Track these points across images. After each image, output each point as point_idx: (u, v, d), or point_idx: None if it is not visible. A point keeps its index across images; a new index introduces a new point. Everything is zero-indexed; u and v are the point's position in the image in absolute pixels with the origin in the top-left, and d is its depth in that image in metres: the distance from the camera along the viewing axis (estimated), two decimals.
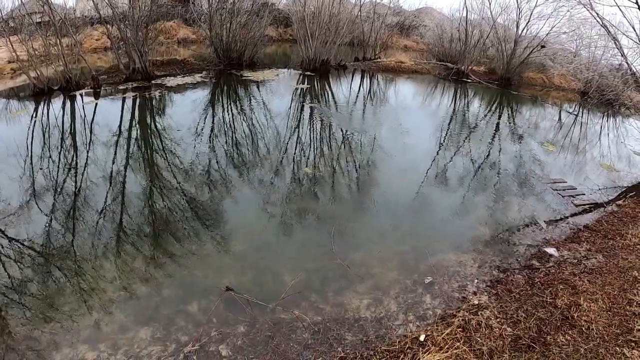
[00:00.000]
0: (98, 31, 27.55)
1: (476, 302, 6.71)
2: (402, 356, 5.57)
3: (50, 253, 7.51)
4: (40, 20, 18.90)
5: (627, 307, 6.61)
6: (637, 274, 7.60)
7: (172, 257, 7.61)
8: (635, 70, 14.53)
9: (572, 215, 10.37)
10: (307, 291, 6.99)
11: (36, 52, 17.36)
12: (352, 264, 7.65)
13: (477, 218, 9.77)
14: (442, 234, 8.93)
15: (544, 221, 9.83)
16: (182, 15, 32.75)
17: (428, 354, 5.49)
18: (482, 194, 11.14)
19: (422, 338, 5.86)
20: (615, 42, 14.72)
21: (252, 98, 18.87)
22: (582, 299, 6.70)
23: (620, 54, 14.87)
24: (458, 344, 5.63)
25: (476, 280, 7.38)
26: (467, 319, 6.21)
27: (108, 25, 21.20)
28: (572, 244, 8.78)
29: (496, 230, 9.26)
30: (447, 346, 5.58)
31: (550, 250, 8.38)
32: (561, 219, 10.10)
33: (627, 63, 14.75)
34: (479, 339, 5.78)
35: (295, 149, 12.95)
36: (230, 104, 17.96)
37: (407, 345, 5.74)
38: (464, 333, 5.90)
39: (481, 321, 6.12)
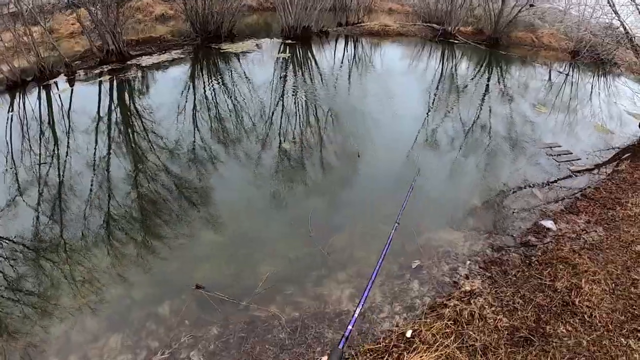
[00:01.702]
0: (72, 16, 26.09)
1: (468, 288, 6.09)
2: (386, 356, 4.94)
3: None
4: (8, 11, 17.64)
5: (632, 289, 6.03)
6: (639, 248, 7.02)
7: (141, 254, 6.94)
8: (628, 29, 13.74)
9: (569, 183, 9.76)
10: (284, 284, 6.36)
11: (6, 45, 16.21)
12: (333, 250, 7.00)
13: (468, 190, 9.12)
14: (431, 209, 8.24)
15: (539, 190, 9.18)
16: None
17: (415, 353, 4.86)
18: (473, 163, 10.46)
19: (409, 334, 5.24)
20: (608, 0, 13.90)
21: (230, 71, 17.78)
22: (583, 280, 6.10)
23: (612, 12, 14.05)
24: (448, 340, 5.01)
25: (468, 262, 6.75)
26: (458, 309, 5.58)
27: (78, 9, 19.87)
28: (570, 216, 8.17)
29: (489, 203, 8.61)
30: (436, 344, 4.95)
31: (548, 224, 7.76)
32: (557, 188, 9.49)
33: (620, 21, 13.93)
34: (472, 333, 5.16)
35: (275, 124, 12.09)
36: (208, 79, 16.87)
37: (393, 343, 5.12)
38: (455, 326, 5.28)
39: (474, 311, 5.50)
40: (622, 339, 5.14)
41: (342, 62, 20.59)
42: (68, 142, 10.95)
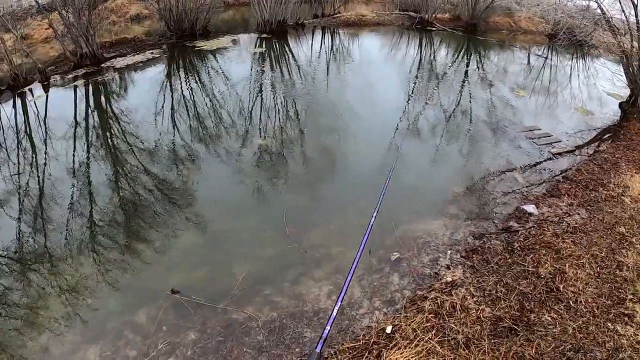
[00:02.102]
0: (45, 21, 25.46)
1: (450, 278, 5.86)
2: (366, 354, 4.70)
3: None
4: None
5: (617, 272, 5.86)
6: (624, 229, 6.87)
7: (115, 260, 6.62)
8: (605, 10, 13.66)
9: (550, 165, 9.61)
10: (261, 284, 6.08)
11: None
12: (310, 246, 6.74)
13: (448, 177, 8.91)
14: (411, 199, 8.01)
15: (520, 174, 9.00)
16: None
17: (396, 349, 4.63)
18: (453, 149, 10.26)
19: (389, 330, 5.00)
20: None
21: (206, 69, 17.35)
22: (567, 265, 5.92)
23: None
24: (430, 334, 4.79)
25: (449, 251, 6.53)
26: (440, 301, 5.36)
27: (49, 13, 19.29)
28: (552, 199, 8.00)
29: (469, 190, 8.40)
30: (417, 339, 4.72)
31: (529, 208, 7.57)
32: (538, 171, 9.33)
33: (596, 2, 13.84)
34: (453, 325, 4.94)
35: (252, 120, 11.74)
36: (184, 77, 16.39)
37: (372, 340, 4.88)
38: (436, 320, 5.05)
39: (456, 303, 5.27)
40: (609, 324, 4.96)
41: (319, 54, 20.26)
42: (46, 150, 10.50)
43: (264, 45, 21.17)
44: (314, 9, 29.04)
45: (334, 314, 3.53)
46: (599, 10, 14.08)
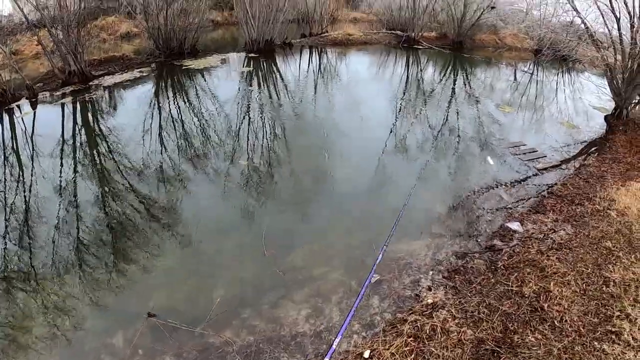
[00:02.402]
0: (36, 36, 25.53)
1: (431, 300, 5.67)
2: None
3: None
4: None
5: (603, 288, 5.69)
6: (610, 244, 6.72)
7: (93, 282, 6.47)
8: (588, 25, 13.74)
9: (535, 181, 9.52)
10: (239, 307, 5.92)
11: None
12: (290, 268, 6.58)
13: (432, 195, 8.78)
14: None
15: (506, 191, 8.87)
16: (116, 10, 30.53)
17: None
18: (438, 168, 10.16)
19: (366, 354, 4.80)
20: None
21: (192, 88, 17.34)
22: (552, 283, 5.75)
23: (572, 9, 14.05)
24: (408, 359, 4.58)
25: (431, 272, 6.36)
26: (420, 324, 5.17)
27: (38, 30, 19.24)
28: (537, 215, 7.86)
29: (453, 209, 8.27)
30: None
31: (514, 226, 7.43)
32: (523, 187, 9.22)
33: (580, 17, 13.93)
34: (433, 349, 4.74)
35: (237, 141, 11.63)
36: (170, 96, 16.38)
37: None
38: (416, 343, 4.85)
39: (436, 325, 5.08)
40: (596, 343, 4.78)
41: (307, 73, 20.33)
42: (33, 167, 10.40)
43: (251, 65, 21.20)
44: (302, 29, 29.27)
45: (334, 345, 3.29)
46: (582, 25, 14.15)
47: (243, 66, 21.13)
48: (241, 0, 22.84)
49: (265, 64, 21.53)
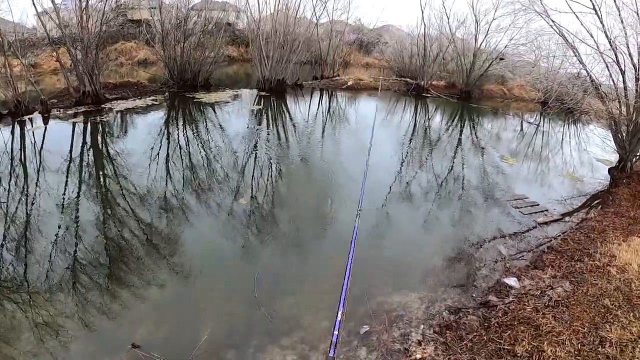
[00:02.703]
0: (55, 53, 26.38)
1: (419, 355, 5.54)
2: None
3: None
4: None
5: (599, 349, 5.52)
6: (608, 302, 6.56)
7: (81, 307, 6.38)
8: (594, 78, 13.93)
9: (536, 235, 9.40)
10: (224, 347, 5.77)
11: None
12: (279, 312, 6.45)
13: (430, 247, 8.68)
14: (387, 269, 7.71)
15: (504, 244, 8.77)
16: (135, 36, 31.52)
17: None
18: (438, 217, 10.12)
19: None
20: (573, 51, 14.18)
21: (203, 122, 17.75)
22: (546, 342, 5.59)
23: (578, 62, 14.28)
24: None
25: (422, 326, 6.22)
26: None
27: (58, 47, 20.08)
28: (535, 271, 7.73)
29: (450, 261, 8.12)
30: None
31: (510, 281, 7.30)
32: (523, 241, 9.10)
33: (586, 70, 14.17)
34: None
35: (242, 179, 11.70)
36: (179, 127, 16.79)
37: None
38: None
39: None
40: None
41: (316, 115, 20.64)
42: (37, 181, 10.68)
43: (262, 103, 21.64)
44: (314, 71, 29.89)
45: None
46: (589, 78, 14.32)
47: (253, 104, 21.58)
48: (257, 39, 23.58)
49: (275, 103, 21.97)
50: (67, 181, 10.72)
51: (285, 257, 8.14)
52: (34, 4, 17.66)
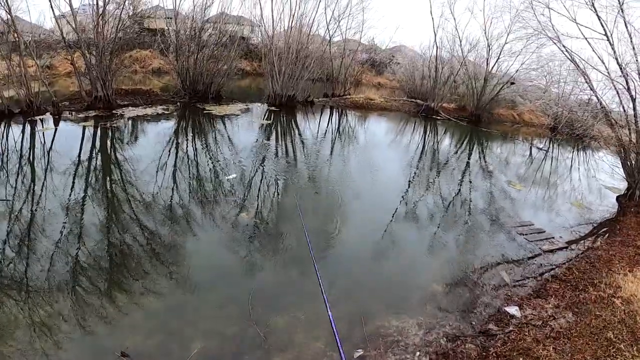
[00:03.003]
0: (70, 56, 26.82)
1: None
2: None
3: None
4: (7, 40, 17.95)
5: None
6: (612, 335, 6.38)
7: (74, 312, 6.31)
8: (604, 104, 13.85)
9: (540, 263, 9.22)
10: None
11: None
12: (273, 330, 6.32)
13: (431, 271, 8.53)
14: (386, 292, 7.57)
15: (508, 272, 8.61)
16: (151, 45, 31.86)
17: None
18: (441, 242, 9.94)
19: None
20: (584, 77, 14.18)
21: (209, 134, 17.82)
22: None
23: (589, 88, 14.23)
24: None
25: (418, 353, 6.08)
26: None
27: (73, 51, 20.26)
28: (538, 300, 7.56)
29: (451, 287, 7.95)
30: None
31: (512, 310, 7.14)
32: (527, 269, 8.92)
33: (596, 97, 14.14)
34: None
35: (249, 191, 11.70)
36: (187, 137, 16.84)
37: None
38: None
39: None
40: None
41: (325, 133, 20.62)
42: (44, 182, 10.80)
43: (271, 118, 21.68)
44: (325, 88, 29.99)
45: None
46: (599, 104, 14.24)
47: (263, 118, 21.61)
48: (270, 54, 23.79)
49: (285, 119, 22.07)
50: (73, 183, 10.84)
51: (284, 273, 8.08)
52: (51, 7, 17.84)
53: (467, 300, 7.57)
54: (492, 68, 26.08)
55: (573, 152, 21.78)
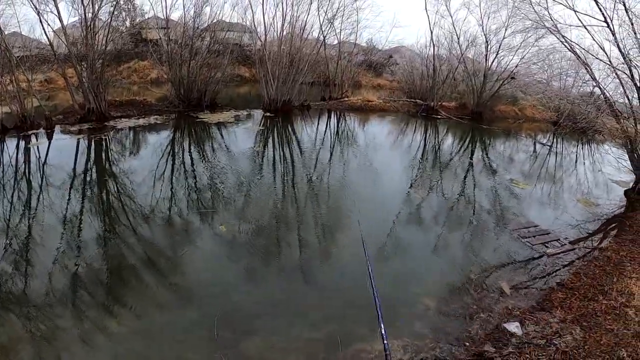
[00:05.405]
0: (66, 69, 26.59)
1: None
2: None
3: None
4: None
5: None
6: (625, 354, 5.61)
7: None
8: (608, 95, 13.16)
9: (544, 270, 8.47)
10: None
11: None
12: (243, 357, 5.65)
13: (423, 283, 7.78)
14: (370, 309, 6.76)
15: (507, 282, 7.85)
16: (148, 56, 31.53)
17: None
18: (437, 248, 9.26)
19: None
20: (586, 68, 13.67)
21: (204, 143, 17.57)
22: None
23: (591, 78, 13.58)
24: None
25: None
26: None
27: (65, 64, 20.14)
28: (542, 314, 6.81)
29: (444, 302, 7.15)
30: None
31: (512, 327, 6.39)
32: (530, 277, 8.17)
33: (599, 88, 13.47)
34: None
35: (247, 199, 11.36)
36: (181, 148, 16.60)
37: None
38: None
39: None
40: None
41: (323, 137, 20.11)
42: (39, 196, 10.72)
43: (267, 124, 21.27)
44: (322, 92, 29.51)
45: None
46: (602, 96, 13.61)
47: (259, 125, 21.24)
48: (263, 59, 23.43)
49: (281, 125, 21.66)
50: (68, 197, 10.81)
51: (264, 290, 7.46)
52: (41, 23, 17.79)
53: (461, 316, 6.83)
54: (492, 64, 25.43)
55: (577, 146, 21.12)
